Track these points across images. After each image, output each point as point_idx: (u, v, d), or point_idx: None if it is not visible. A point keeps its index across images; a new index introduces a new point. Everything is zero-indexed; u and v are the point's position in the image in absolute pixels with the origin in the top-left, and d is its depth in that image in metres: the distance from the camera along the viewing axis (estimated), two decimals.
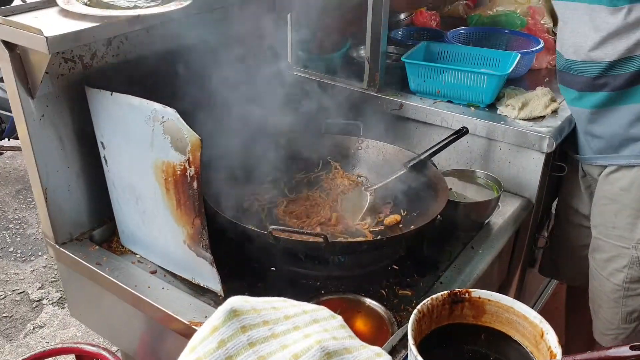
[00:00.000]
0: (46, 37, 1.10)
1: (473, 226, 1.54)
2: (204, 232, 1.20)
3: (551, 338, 0.88)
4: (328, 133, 1.70)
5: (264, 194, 1.59)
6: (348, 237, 1.44)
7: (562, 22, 1.55)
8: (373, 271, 1.38)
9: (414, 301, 1.30)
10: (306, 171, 1.67)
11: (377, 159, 1.66)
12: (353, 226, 1.49)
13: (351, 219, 1.50)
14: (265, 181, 1.62)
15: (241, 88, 1.56)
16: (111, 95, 1.25)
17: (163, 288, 1.32)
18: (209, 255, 1.22)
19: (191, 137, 1.12)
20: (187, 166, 1.15)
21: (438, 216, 1.37)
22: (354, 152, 1.69)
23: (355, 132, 1.68)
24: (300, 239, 1.28)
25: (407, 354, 0.87)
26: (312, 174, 1.67)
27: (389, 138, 1.68)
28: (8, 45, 1.21)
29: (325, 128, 1.70)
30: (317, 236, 1.23)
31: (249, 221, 1.41)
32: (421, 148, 1.55)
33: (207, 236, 1.20)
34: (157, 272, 1.38)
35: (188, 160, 1.15)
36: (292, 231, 1.28)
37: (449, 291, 0.96)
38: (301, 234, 1.29)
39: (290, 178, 1.65)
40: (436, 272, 1.39)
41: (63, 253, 1.44)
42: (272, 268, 1.37)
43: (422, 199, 1.49)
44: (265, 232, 1.23)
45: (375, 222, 1.50)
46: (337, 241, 1.36)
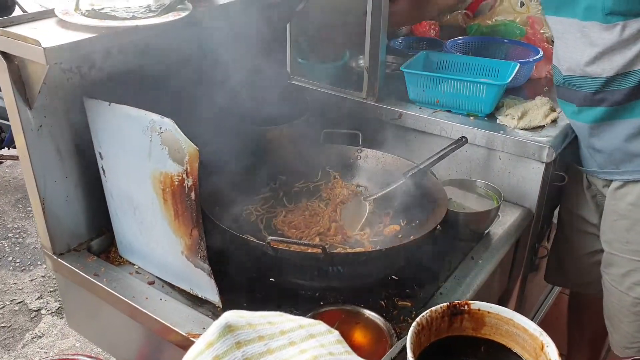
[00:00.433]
0: (44, 48, 1.10)
1: (473, 236, 1.53)
2: (202, 243, 1.19)
3: (551, 351, 0.87)
4: (327, 143, 1.70)
5: (263, 204, 1.58)
6: (347, 248, 1.43)
7: (556, 37, 1.55)
8: (372, 282, 1.37)
9: (414, 312, 1.29)
10: (305, 181, 1.67)
11: (377, 169, 1.65)
12: (352, 236, 1.48)
13: (350, 229, 1.50)
14: (263, 191, 1.62)
15: (240, 98, 1.56)
16: (109, 105, 1.25)
17: (161, 299, 1.31)
18: (207, 266, 1.22)
19: (189, 148, 1.12)
20: (185, 177, 1.15)
21: (437, 226, 1.37)
22: (353, 162, 1.69)
23: (354, 142, 1.68)
24: (298, 250, 1.28)
25: None
26: (311, 184, 1.67)
27: (388, 147, 1.68)
28: (6, 55, 1.21)
29: (324, 137, 1.70)
30: (315, 247, 1.23)
31: (247, 231, 1.40)
32: (420, 158, 1.55)
33: (205, 247, 1.20)
34: (155, 283, 1.38)
35: (186, 171, 1.14)
36: (291, 242, 1.28)
37: (448, 303, 0.95)
38: (299, 245, 1.28)
39: (289, 188, 1.65)
40: (436, 283, 1.38)
41: (61, 264, 1.43)
42: (271, 279, 1.36)
43: (422, 209, 1.48)
44: (263, 243, 1.22)
45: (374, 232, 1.50)
46: (335, 252, 1.36)
